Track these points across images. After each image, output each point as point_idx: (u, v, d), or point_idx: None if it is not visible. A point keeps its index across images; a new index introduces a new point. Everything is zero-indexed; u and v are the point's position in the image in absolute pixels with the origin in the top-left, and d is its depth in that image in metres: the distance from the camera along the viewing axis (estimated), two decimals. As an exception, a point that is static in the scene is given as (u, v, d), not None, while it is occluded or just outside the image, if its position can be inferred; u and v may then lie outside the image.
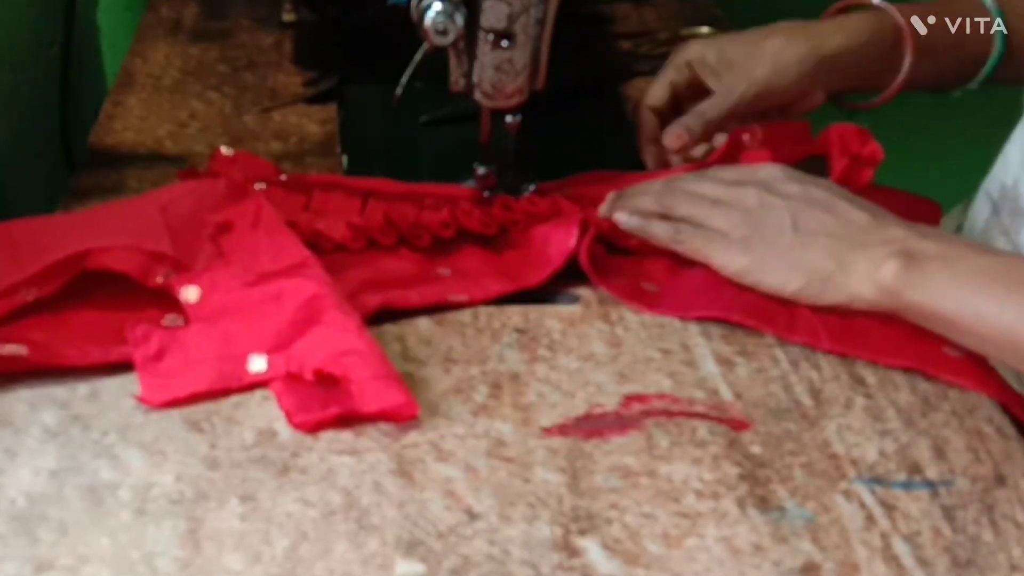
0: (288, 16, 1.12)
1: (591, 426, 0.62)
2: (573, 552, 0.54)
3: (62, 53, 1.02)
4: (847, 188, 0.75)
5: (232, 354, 0.63)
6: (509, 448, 0.60)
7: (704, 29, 1.10)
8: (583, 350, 0.67)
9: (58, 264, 0.66)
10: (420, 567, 0.53)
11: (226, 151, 0.86)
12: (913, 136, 0.99)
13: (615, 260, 0.74)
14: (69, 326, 0.65)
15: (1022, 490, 0.59)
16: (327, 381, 0.62)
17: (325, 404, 0.61)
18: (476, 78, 0.76)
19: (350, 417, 0.60)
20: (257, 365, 0.63)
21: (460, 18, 0.73)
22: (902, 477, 0.59)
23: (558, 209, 0.77)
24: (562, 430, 0.61)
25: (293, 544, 0.54)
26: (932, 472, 0.59)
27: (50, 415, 0.61)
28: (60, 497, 0.56)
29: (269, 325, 0.64)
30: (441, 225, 0.75)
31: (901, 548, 0.55)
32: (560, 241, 0.73)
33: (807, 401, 0.64)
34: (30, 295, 0.65)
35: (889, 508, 0.57)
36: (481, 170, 0.81)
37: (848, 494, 0.58)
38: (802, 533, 0.55)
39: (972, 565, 0.54)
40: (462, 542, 0.54)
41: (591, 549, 0.54)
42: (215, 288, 0.66)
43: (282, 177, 0.83)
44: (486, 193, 0.81)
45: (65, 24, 1.02)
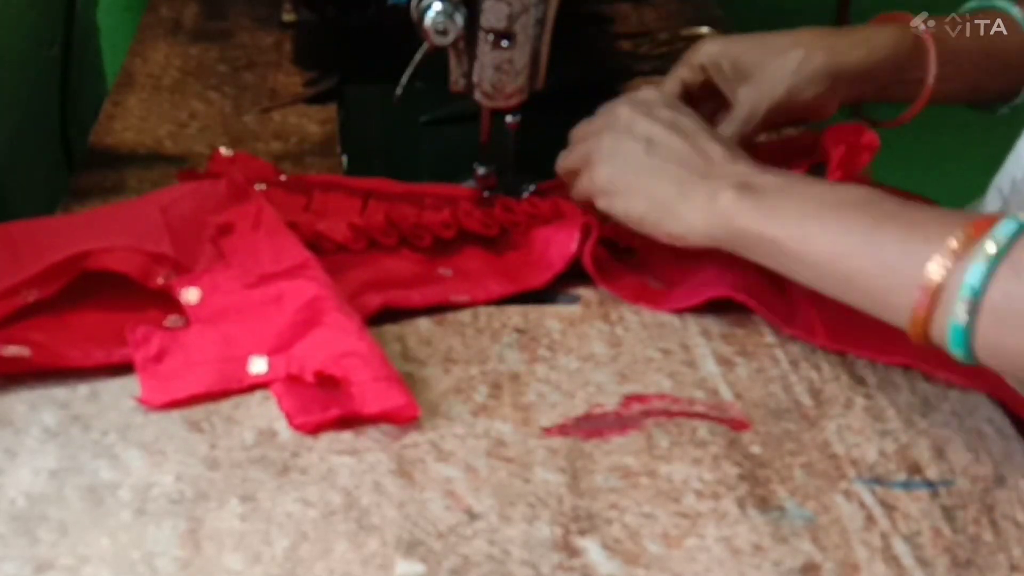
0: (288, 16, 1.12)
1: (591, 426, 0.62)
2: (573, 552, 0.54)
3: (62, 53, 1.02)
4: (844, 176, 0.75)
5: (233, 356, 0.63)
6: (509, 448, 0.60)
7: (704, 29, 1.10)
8: (583, 350, 0.67)
9: (59, 265, 0.66)
10: (420, 567, 0.53)
11: (225, 152, 0.86)
12: (920, 135, 0.98)
13: (619, 261, 0.74)
14: (71, 327, 0.65)
15: (1022, 490, 0.59)
16: (328, 383, 0.62)
17: (326, 406, 0.61)
18: (476, 78, 0.76)
19: (351, 418, 0.60)
20: (258, 367, 0.63)
21: (460, 18, 0.73)
22: (902, 477, 0.59)
23: (559, 211, 0.77)
24: (562, 430, 0.61)
25: (293, 544, 0.54)
26: (932, 472, 0.59)
27: (50, 415, 0.61)
28: (60, 497, 0.56)
29: (270, 327, 0.64)
30: (442, 226, 0.75)
31: (901, 548, 0.55)
32: (562, 244, 0.73)
33: (807, 401, 0.64)
34: (31, 296, 0.65)
35: (889, 508, 0.57)
36: (481, 170, 0.81)
37: (848, 494, 0.58)
38: (802, 533, 0.55)
39: (972, 565, 0.54)
40: (462, 542, 0.54)
41: (591, 549, 0.54)
42: (216, 289, 0.66)
43: (282, 178, 0.83)
44: (486, 193, 0.81)
45: (65, 24, 1.02)
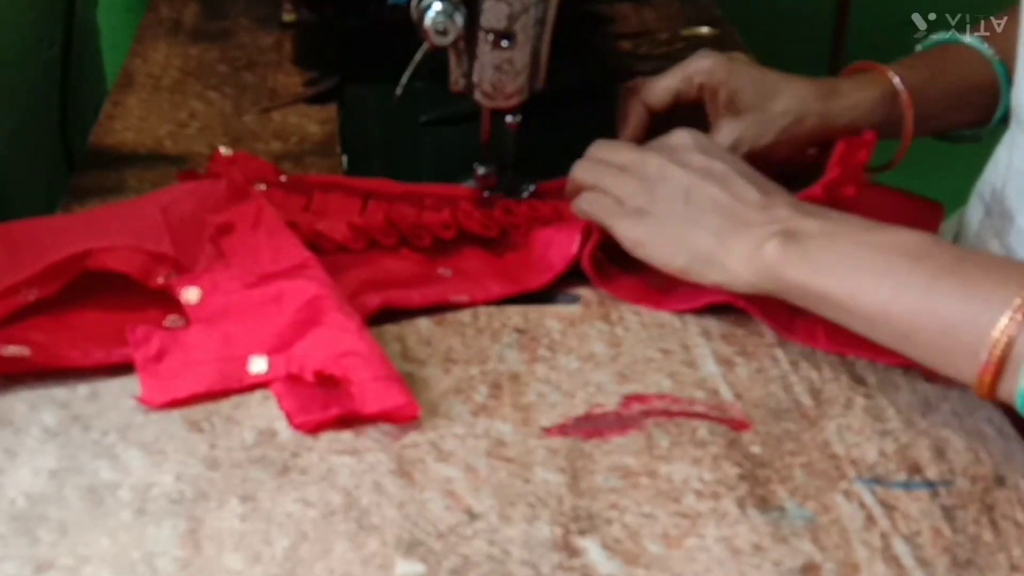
0: (288, 16, 1.12)
1: (591, 426, 0.62)
2: (573, 552, 0.54)
3: (62, 53, 1.02)
4: (843, 173, 0.75)
5: (232, 355, 0.63)
6: (509, 448, 0.60)
7: (704, 29, 1.10)
8: (583, 350, 0.67)
9: (59, 264, 0.66)
10: (420, 567, 0.53)
11: (225, 151, 0.86)
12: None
13: (619, 261, 0.74)
14: (71, 327, 0.65)
15: (1022, 490, 0.58)
16: (328, 382, 0.62)
17: (326, 405, 0.61)
18: (476, 78, 0.76)
19: (351, 418, 0.60)
20: (257, 366, 0.63)
21: (460, 18, 0.73)
22: (902, 477, 0.59)
23: (559, 214, 0.77)
24: (562, 430, 0.61)
25: (293, 544, 0.54)
26: (932, 472, 0.59)
27: (50, 415, 0.61)
28: (60, 497, 0.56)
29: (270, 326, 0.64)
30: (442, 226, 0.75)
31: (901, 548, 0.55)
32: (562, 245, 0.73)
33: (807, 401, 0.64)
34: (31, 295, 0.65)
35: (889, 508, 0.57)
36: (481, 170, 0.81)
37: (848, 494, 0.58)
38: (802, 533, 0.55)
39: (972, 565, 0.54)
40: (462, 542, 0.54)
41: (591, 549, 0.54)
42: (216, 289, 0.66)
43: (282, 178, 0.83)
44: (486, 193, 0.81)
45: (65, 24, 1.02)
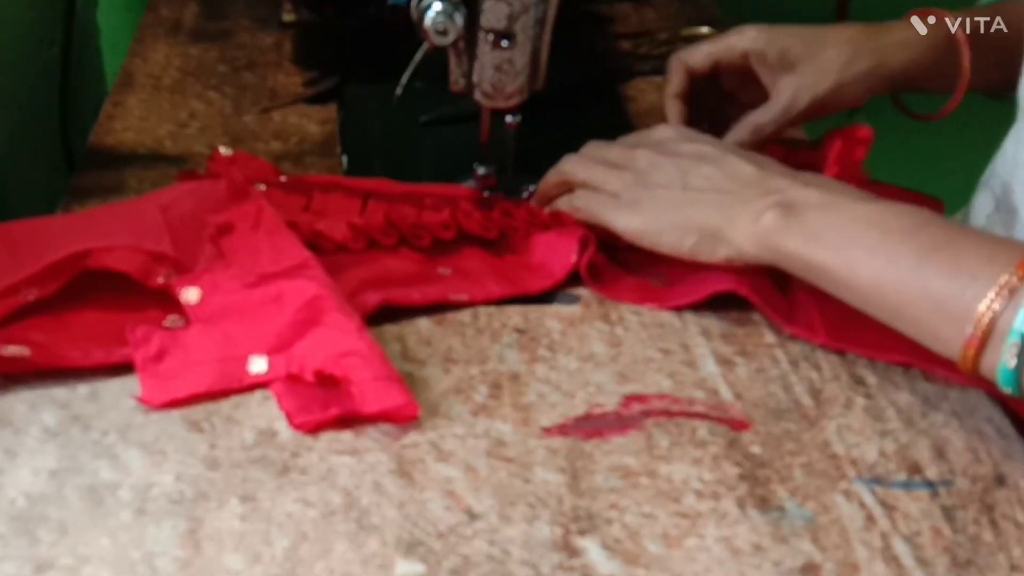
0: (288, 16, 1.12)
1: (591, 426, 0.62)
2: (573, 552, 0.54)
3: (62, 53, 1.02)
4: (841, 171, 0.75)
5: (232, 355, 0.63)
6: (509, 448, 0.60)
7: (704, 29, 1.10)
8: (583, 350, 0.67)
9: (59, 264, 0.66)
10: (420, 567, 0.53)
11: (225, 152, 0.86)
12: (914, 135, 0.99)
13: (619, 263, 0.74)
14: (71, 327, 0.65)
15: (1022, 490, 0.58)
16: (328, 382, 0.62)
17: (326, 405, 0.61)
18: (476, 78, 0.76)
19: (351, 418, 0.60)
20: (257, 366, 0.63)
21: (460, 18, 0.73)
22: (902, 477, 0.59)
23: (559, 218, 0.76)
24: (562, 430, 0.61)
25: (293, 544, 0.54)
26: (932, 472, 0.59)
27: (50, 415, 0.61)
28: (60, 497, 0.56)
29: (269, 326, 0.64)
30: (442, 226, 0.75)
31: (901, 548, 0.55)
32: (561, 254, 0.73)
33: (807, 401, 0.64)
34: (31, 295, 0.65)
35: (889, 508, 0.57)
36: (481, 170, 0.81)
37: (848, 494, 0.58)
38: (802, 533, 0.55)
39: (972, 565, 0.54)
40: (462, 542, 0.54)
41: (591, 549, 0.54)
42: (216, 289, 0.66)
43: (282, 178, 0.83)
44: (486, 193, 0.81)
45: (65, 24, 1.02)
